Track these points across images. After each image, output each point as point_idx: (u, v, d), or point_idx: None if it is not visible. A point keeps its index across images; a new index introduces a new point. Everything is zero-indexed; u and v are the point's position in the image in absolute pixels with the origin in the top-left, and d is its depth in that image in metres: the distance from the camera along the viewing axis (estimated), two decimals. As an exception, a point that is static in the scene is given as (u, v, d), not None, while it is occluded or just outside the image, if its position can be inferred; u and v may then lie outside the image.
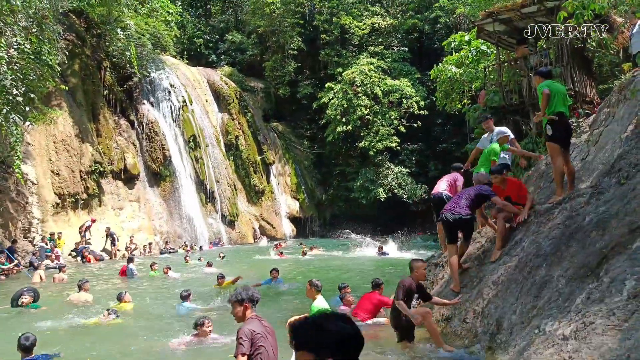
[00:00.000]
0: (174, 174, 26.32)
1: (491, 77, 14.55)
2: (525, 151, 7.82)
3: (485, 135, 8.21)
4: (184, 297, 9.26)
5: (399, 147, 32.74)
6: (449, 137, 32.84)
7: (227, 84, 33.13)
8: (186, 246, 23.74)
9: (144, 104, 27.12)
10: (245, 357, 3.74)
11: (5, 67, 13.99)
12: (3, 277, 14.34)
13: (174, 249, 23.17)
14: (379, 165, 32.92)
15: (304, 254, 19.68)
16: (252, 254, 21.43)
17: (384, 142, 31.97)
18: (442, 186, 7.91)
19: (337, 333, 1.53)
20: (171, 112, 27.92)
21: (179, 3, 35.45)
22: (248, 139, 32.33)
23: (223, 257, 19.13)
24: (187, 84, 29.87)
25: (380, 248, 19.31)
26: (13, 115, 14.30)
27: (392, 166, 33.08)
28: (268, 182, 33.09)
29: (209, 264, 15.71)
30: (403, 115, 32.88)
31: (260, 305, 4.23)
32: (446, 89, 17.79)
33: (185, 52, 35.96)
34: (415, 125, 32.46)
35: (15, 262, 15.31)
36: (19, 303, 9.24)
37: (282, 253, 20.43)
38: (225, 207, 28.31)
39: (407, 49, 36.13)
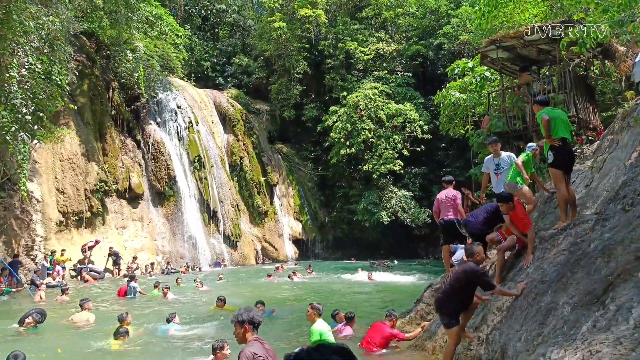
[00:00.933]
0: (178, 193, 26.38)
1: (495, 102, 14.69)
2: (543, 184, 7.81)
3: (489, 157, 8.23)
4: (169, 320, 9.35)
5: (402, 171, 32.81)
6: (452, 161, 32.94)
7: (233, 105, 33.53)
8: (187, 267, 23.63)
9: (150, 124, 27.42)
10: None
11: (16, 86, 14.24)
12: (5, 297, 14.25)
13: (175, 269, 23.06)
14: (383, 189, 32.93)
15: (291, 277, 19.54)
16: (249, 276, 21.27)
17: (387, 166, 32.06)
18: (450, 212, 7.93)
19: None
20: (177, 133, 28.20)
21: (188, 27, 36.24)
22: (252, 160, 32.50)
23: (221, 279, 19.07)
24: (193, 105, 30.23)
25: (369, 276, 19.52)
26: (22, 133, 14.49)
27: (396, 189, 33.07)
28: (271, 203, 33.09)
29: (201, 284, 15.99)
30: (407, 139, 33.07)
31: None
32: (450, 114, 17.93)
33: (192, 74, 36.53)
34: (418, 149, 32.61)
35: (17, 279, 15.26)
36: (24, 324, 9.16)
37: (270, 275, 20.27)
38: (228, 227, 28.25)
39: (411, 74, 36.60)
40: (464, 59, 19.59)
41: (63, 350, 7.75)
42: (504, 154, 8.13)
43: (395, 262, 27.78)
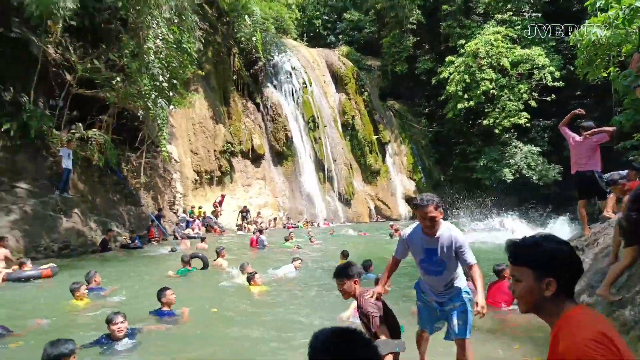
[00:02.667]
0: (295, 153, 27.56)
1: (648, 38, 12.51)
2: None
3: None
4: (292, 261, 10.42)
5: (528, 124, 30.09)
6: (588, 111, 28.75)
7: (344, 63, 33.43)
8: (307, 222, 24.97)
9: (268, 87, 28.66)
10: (384, 325, 3.69)
11: (153, 56, 15.72)
12: (156, 244, 16.34)
13: (294, 224, 24.42)
14: (505, 144, 30.69)
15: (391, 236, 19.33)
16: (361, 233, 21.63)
17: (511, 119, 29.65)
18: (586, 161, 7.14)
19: (552, 251, 1.68)
20: (292, 94, 29.09)
21: (299, -14, 36.38)
22: (364, 118, 32.40)
23: (332, 234, 19.98)
24: (306, 66, 30.77)
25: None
26: (160, 99, 16.10)
27: (521, 145, 30.56)
28: (383, 161, 32.92)
29: (312, 240, 16.76)
30: (534, 89, 30.07)
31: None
32: (589, 55, 15.72)
33: (305, 34, 37.03)
34: (548, 99, 29.48)
35: (163, 231, 17.42)
36: (185, 265, 10.51)
37: (362, 232, 20.82)
38: (341, 186, 28.91)
39: (539, 14, 32.71)
40: (608, -10, 16.88)
41: (207, 290, 8.77)
42: None
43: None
